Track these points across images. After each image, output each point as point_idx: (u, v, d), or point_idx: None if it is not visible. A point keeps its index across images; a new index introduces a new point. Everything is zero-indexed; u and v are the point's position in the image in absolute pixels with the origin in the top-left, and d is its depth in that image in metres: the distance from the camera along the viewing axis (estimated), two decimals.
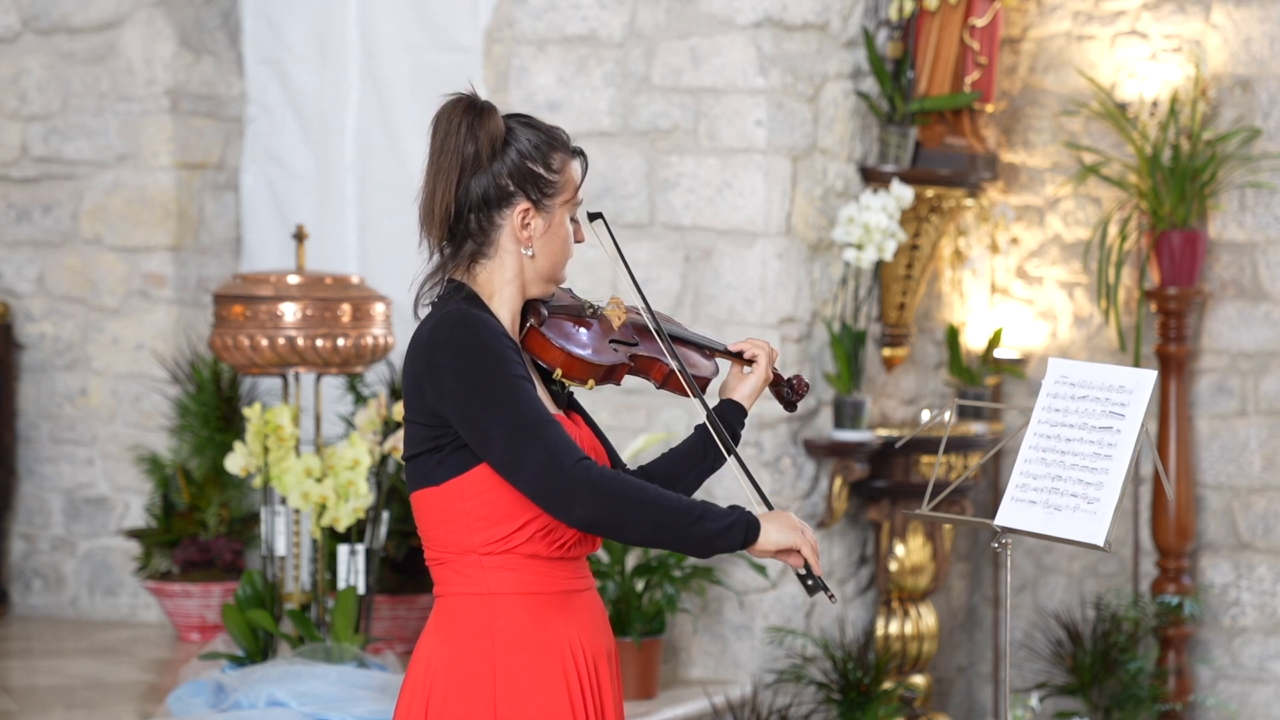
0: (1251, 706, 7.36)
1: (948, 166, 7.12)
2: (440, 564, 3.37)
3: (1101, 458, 3.76)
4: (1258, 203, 7.33)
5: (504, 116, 3.41)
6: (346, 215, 7.89)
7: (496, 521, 3.30)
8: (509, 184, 3.36)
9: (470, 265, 3.39)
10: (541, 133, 3.40)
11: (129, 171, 7.84)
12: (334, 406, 7.30)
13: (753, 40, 6.69)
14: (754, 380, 3.63)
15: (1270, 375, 7.33)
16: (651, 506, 3.25)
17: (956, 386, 7.57)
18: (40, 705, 6.19)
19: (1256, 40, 7.31)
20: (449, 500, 3.31)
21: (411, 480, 3.37)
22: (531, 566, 3.33)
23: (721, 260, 6.75)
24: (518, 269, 3.39)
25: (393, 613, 6.83)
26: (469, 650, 3.32)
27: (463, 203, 3.35)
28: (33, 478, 7.97)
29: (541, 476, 3.23)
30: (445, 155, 3.35)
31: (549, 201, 3.39)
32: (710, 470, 3.57)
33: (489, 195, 3.36)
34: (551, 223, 3.40)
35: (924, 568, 7.02)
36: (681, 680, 6.75)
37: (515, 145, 3.37)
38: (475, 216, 3.36)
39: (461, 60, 7.65)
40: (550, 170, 3.39)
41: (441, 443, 3.30)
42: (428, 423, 3.31)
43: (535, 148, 3.38)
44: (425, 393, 3.29)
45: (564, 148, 3.42)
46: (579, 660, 3.37)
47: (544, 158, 3.38)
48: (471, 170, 3.35)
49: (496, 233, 3.37)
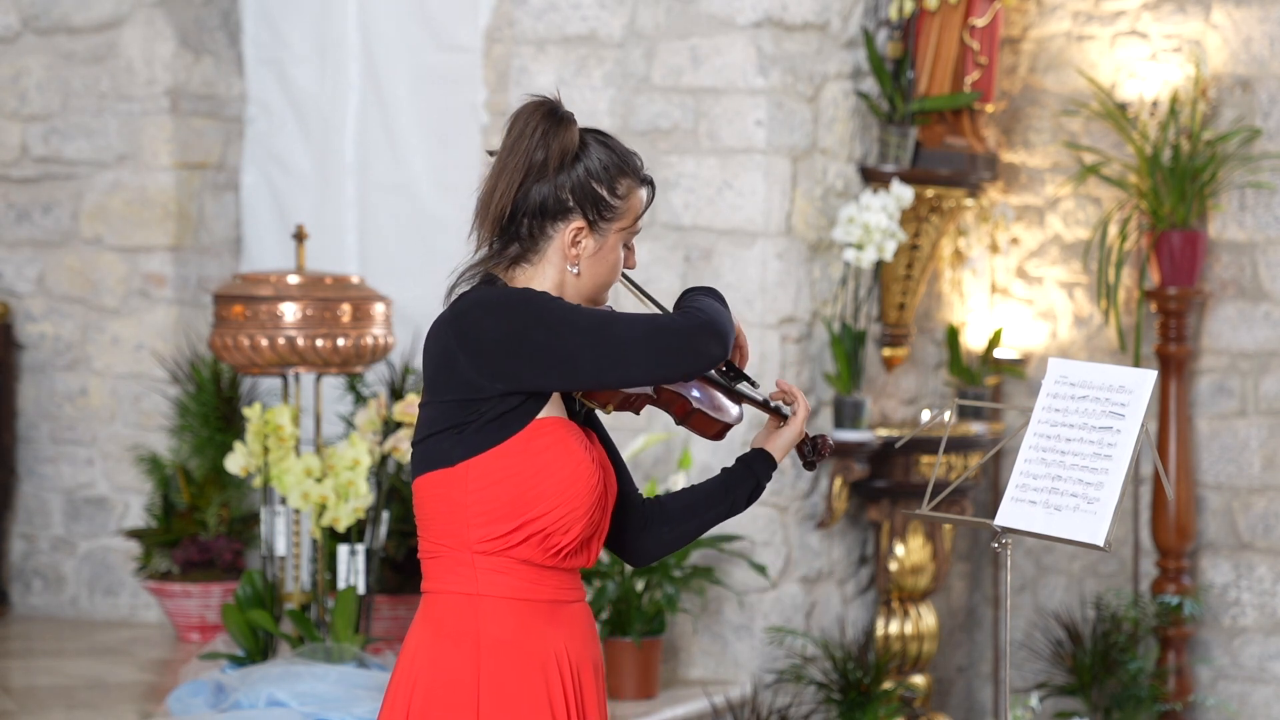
0: (1251, 706, 7.36)
1: (948, 166, 7.12)
2: (434, 558, 3.35)
3: (1101, 458, 3.76)
4: (1258, 203, 7.33)
5: (583, 130, 3.38)
6: (346, 215, 7.89)
7: (495, 519, 3.28)
8: (569, 199, 3.33)
9: (511, 266, 3.37)
10: (615, 155, 3.37)
11: (129, 171, 7.84)
12: (334, 406, 7.30)
13: (753, 40, 6.70)
14: (789, 433, 3.55)
15: (1270, 375, 7.33)
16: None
17: (956, 386, 7.57)
18: (40, 705, 6.19)
19: (1256, 40, 7.31)
20: (455, 487, 3.29)
21: (420, 464, 3.33)
22: (523, 572, 3.31)
23: (721, 260, 6.75)
24: (558, 281, 3.36)
25: (393, 613, 6.83)
26: (454, 651, 3.31)
27: (519, 206, 3.33)
28: (33, 478, 7.97)
29: (651, 342, 3.25)
30: (514, 155, 3.32)
31: (605, 225, 3.36)
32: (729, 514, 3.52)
33: (547, 205, 3.33)
34: (604, 246, 3.37)
35: (924, 568, 7.03)
36: (681, 680, 6.75)
37: (585, 162, 3.34)
38: (529, 221, 3.34)
39: (461, 60, 7.65)
40: (614, 195, 3.36)
41: (469, 418, 3.26)
42: (460, 397, 3.26)
43: (604, 169, 3.35)
44: (457, 363, 3.26)
45: (634, 174, 3.39)
46: (563, 670, 3.35)
47: (610, 181, 3.35)
48: (536, 176, 3.32)
49: (546, 243, 3.35)
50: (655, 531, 3.50)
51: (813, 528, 6.89)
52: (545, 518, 3.28)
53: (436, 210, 7.74)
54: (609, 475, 3.41)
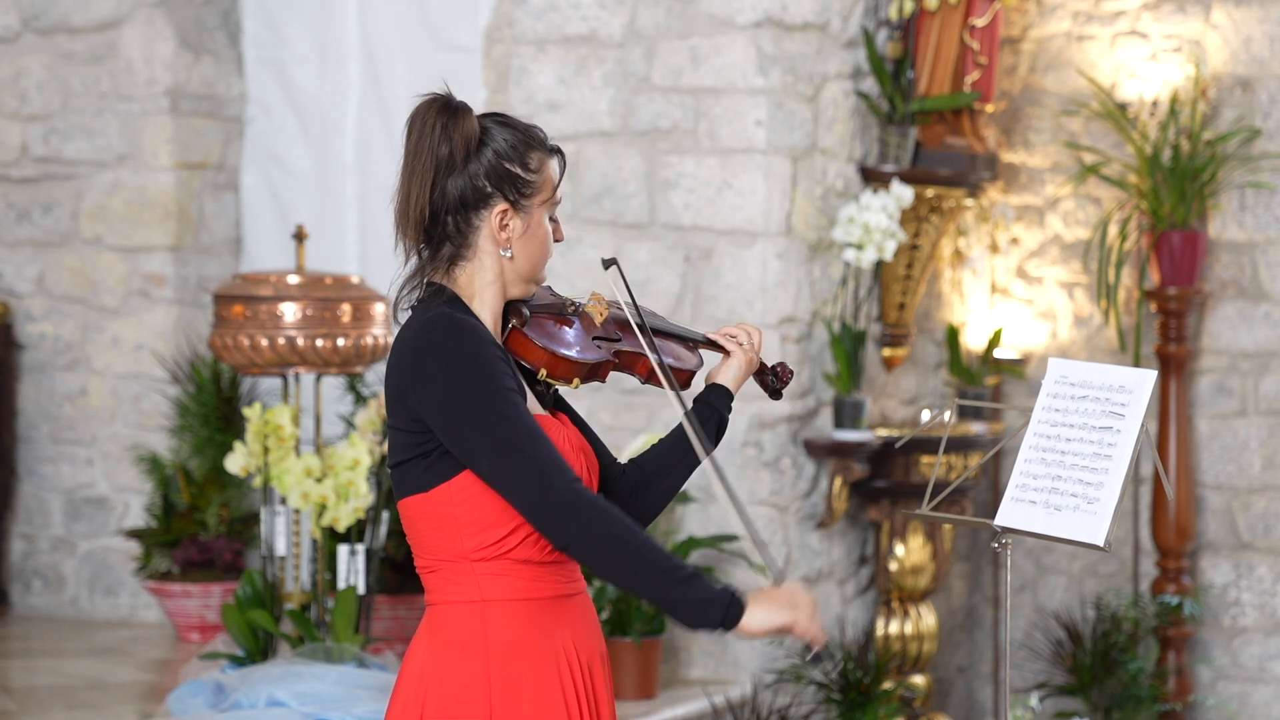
0: (1251, 706, 7.36)
1: (948, 166, 7.12)
2: (432, 572, 3.32)
3: (1101, 458, 3.76)
4: (1258, 203, 7.33)
5: (479, 116, 3.36)
6: (346, 215, 7.89)
7: (487, 526, 3.26)
8: (486, 185, 3.31)
9: (449, 268, 3.35)
10: (519, 132, 3.35)
11: (129, 171, 7.84)
12: (334, 406, 7.30)
13: (753, 40, 6.70)
14: (735, 363, 3.56)
15: (1270, 375, 7.33)
16: (634, 553, 3.17)
17: (956, 386, 7.57)
18: (40, 705, 6.19)
19: (1256, 40, 7.31)
20: (439, 506, 3.27)
21: (399, 488, 3.31)
22: (524, 572, 3.29)
23: (721, 260, 6.75)
24: (498, 270, 3.34)
25: (393, 613, 6.83)
26: (463, 659, 3.28)
27: (439, 205, 3.31)
28: (33, 478, 7.97)
29: (530, 495, 3.18)
30: (420, 157, 3.31)
31: (527, 202, 3.34)
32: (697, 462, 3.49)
33: (466, 197, 3.31)
34: (530, 223, 3.35)
35: (924, 568, 7.02)
36: (681, 680, 6.75)
37: (491, 145, 3.33)
38: (452, 219, 3.32)
39: (461, 60, 7.65)
40: (528, 170, 3.34)
41: (428, 448, 3.25)
42: (412, 429, 3.26)
43: (512, 147, 3.33)
44: (408, 398, 3.25)
45: (541, 146, 3.36)
46: (574, 665, 3.33)
47: (521, 157, 3.33)
48: (446, 172, 3.30)
49: (475, 234, 3.33)
50: (644, 494, 3.49)
51: (813, 528, 6.89)
52: None
53: None
54: (589, 457, 3.40)
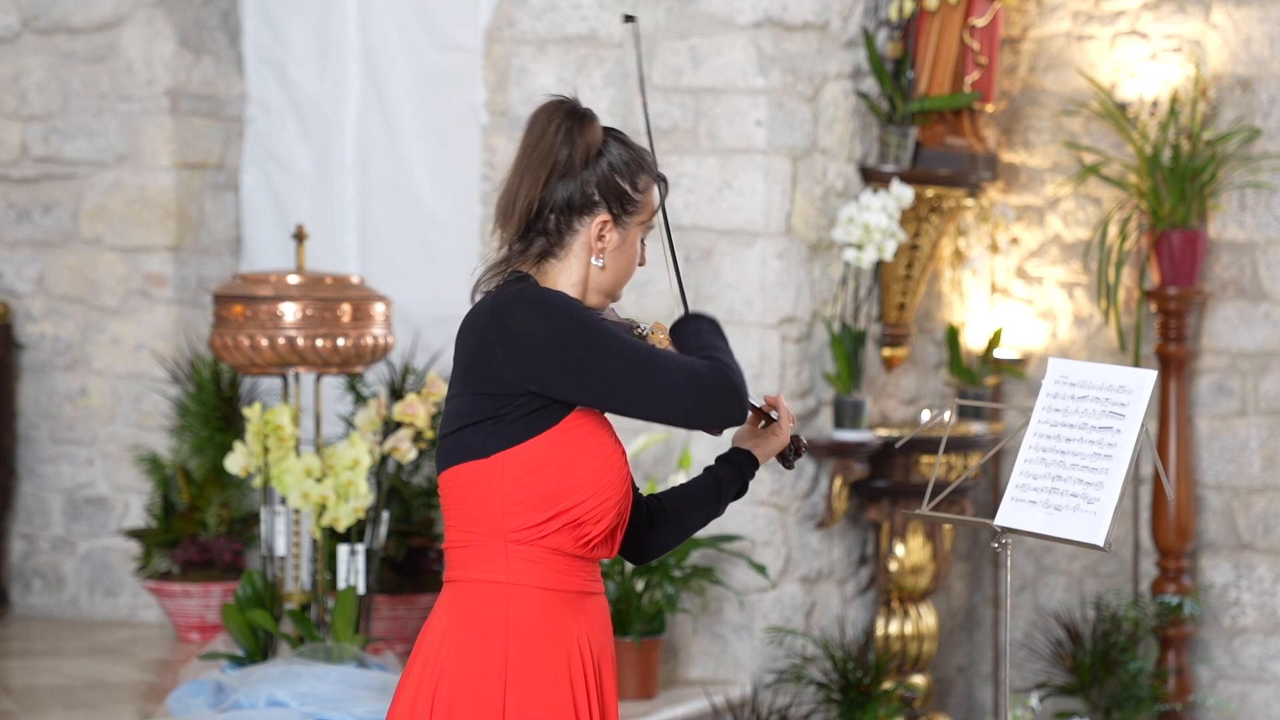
0: (1251, 706, 7.36)
1: (948, 166, 7.12)
2: (465, 546, 3.37)
3: (1101, 458, 3.76)
4: (1258, 203, 7.33)
5: (601, 128, 3.45)
6: (346, 215, 7.90)
7: (530, 508, 3.32)
8: (595, 194, 3.41)
9: (538, 262, 3.43)
10: (634, 151, 3.46)
11: (129, 171, 7.84)
12: (334, 406, 7.30)
13: (753, 40, 6.70)
14: (777, 444, 3.62)
15: (1270, 375, 7.33)
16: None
17: (956, 386, 7.57)
18: (40, 705, 6.19)
19: (1256, 40, 7.31)
20: (488, 477, 3.32)
21: (448, 457, 3.37)
22: (554, 562, 3.35)
23: (721, 260, 6.75)
24: (583, 275, 3.44)
25: (393, 613, 6.83)
26: (482, 639, 3.34)
27: (545, 202, 3.40)
28: (33, 478, 7.97)
29: (686, 393, 3.30)
30: (537, 153, 3.40)
31: (628, 219, 3.45)
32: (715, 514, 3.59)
33: (574, 200, 3.41)
34: (626, 240, 3.46)
35: (924, 568, 7.02)
36: (681, 680, 6.75)
37: (607, 157, 3.43)
38: (555, 217, 3.41)
39: (461, 60, 7.65)
40: (635, 189, 3.44)
41: (504, 411, 3.31)
42: (492, 391, 3.31)
43: (625, 164, 3.44)
44: (494, 357, 3.31)
45: (650, 170, 3.48)
46: (585, 660, 3.40)
47: (632, 175, 3.44)
48: (561, 173, 3.40)
49: (572, 237, 3.43)
50: (658, 529, 3.56)
51: (813, 528, 6.89)
52: (580, 507, 3.33)
53: (436, 210, 7.74)
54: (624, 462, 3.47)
